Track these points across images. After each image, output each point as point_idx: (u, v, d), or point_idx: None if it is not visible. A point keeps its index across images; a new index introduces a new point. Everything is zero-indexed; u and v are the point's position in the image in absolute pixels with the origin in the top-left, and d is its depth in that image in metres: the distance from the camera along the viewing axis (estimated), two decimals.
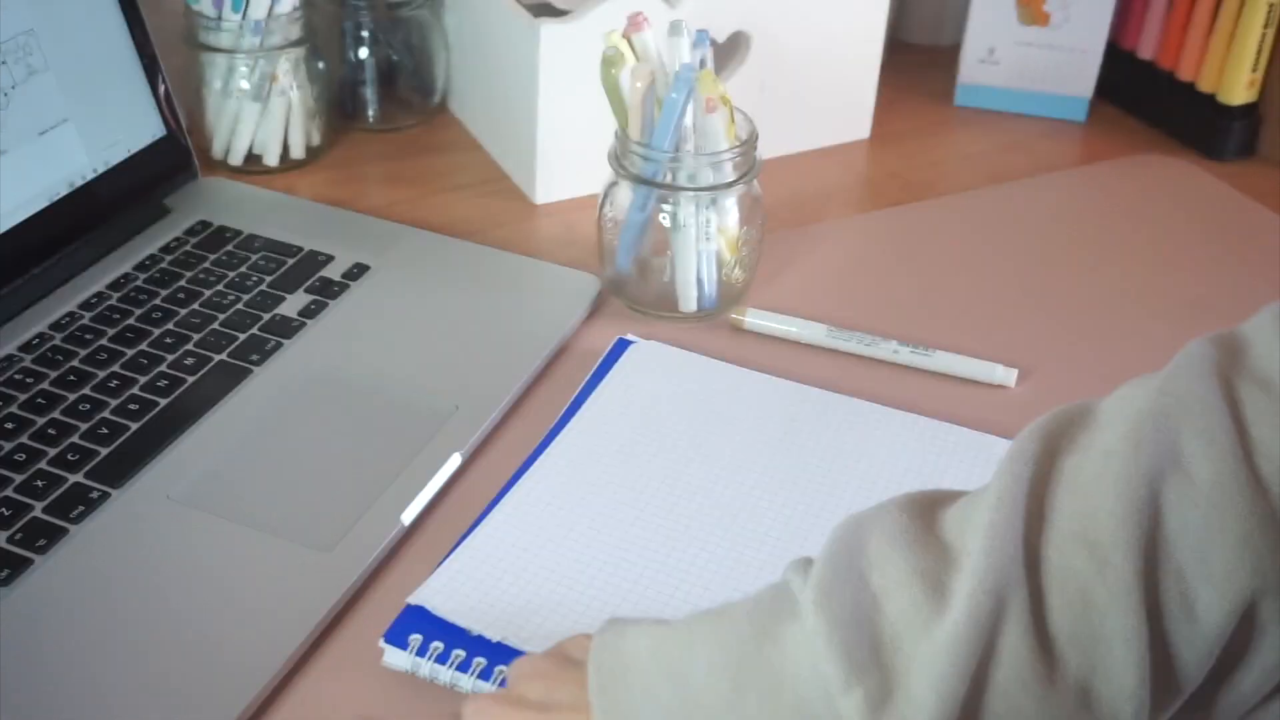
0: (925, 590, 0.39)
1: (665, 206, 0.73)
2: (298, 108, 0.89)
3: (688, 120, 0.71)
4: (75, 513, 0.58)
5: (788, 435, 0.66)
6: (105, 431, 0.63)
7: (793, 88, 0.92)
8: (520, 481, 0.61)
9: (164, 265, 0.76)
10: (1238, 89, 0.94)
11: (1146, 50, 1.01)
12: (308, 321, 0.72)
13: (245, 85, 0.87)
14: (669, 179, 0.72)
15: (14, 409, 0.64)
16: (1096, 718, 0.38)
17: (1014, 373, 0.71)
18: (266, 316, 0.72)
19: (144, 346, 0.69)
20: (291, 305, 0.74)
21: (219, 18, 0.85)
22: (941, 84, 1.06)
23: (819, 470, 0.64)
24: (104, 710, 0.50)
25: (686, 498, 0.61)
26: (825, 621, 0.39)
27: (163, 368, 0.68)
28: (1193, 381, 0.40)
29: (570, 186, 0.88)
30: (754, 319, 0.74)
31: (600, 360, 0.71)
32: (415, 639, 0.52)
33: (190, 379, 0.67)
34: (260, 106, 0.88)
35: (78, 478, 0.60)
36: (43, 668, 0.51)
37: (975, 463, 0.64)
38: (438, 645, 0.52)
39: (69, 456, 0.61)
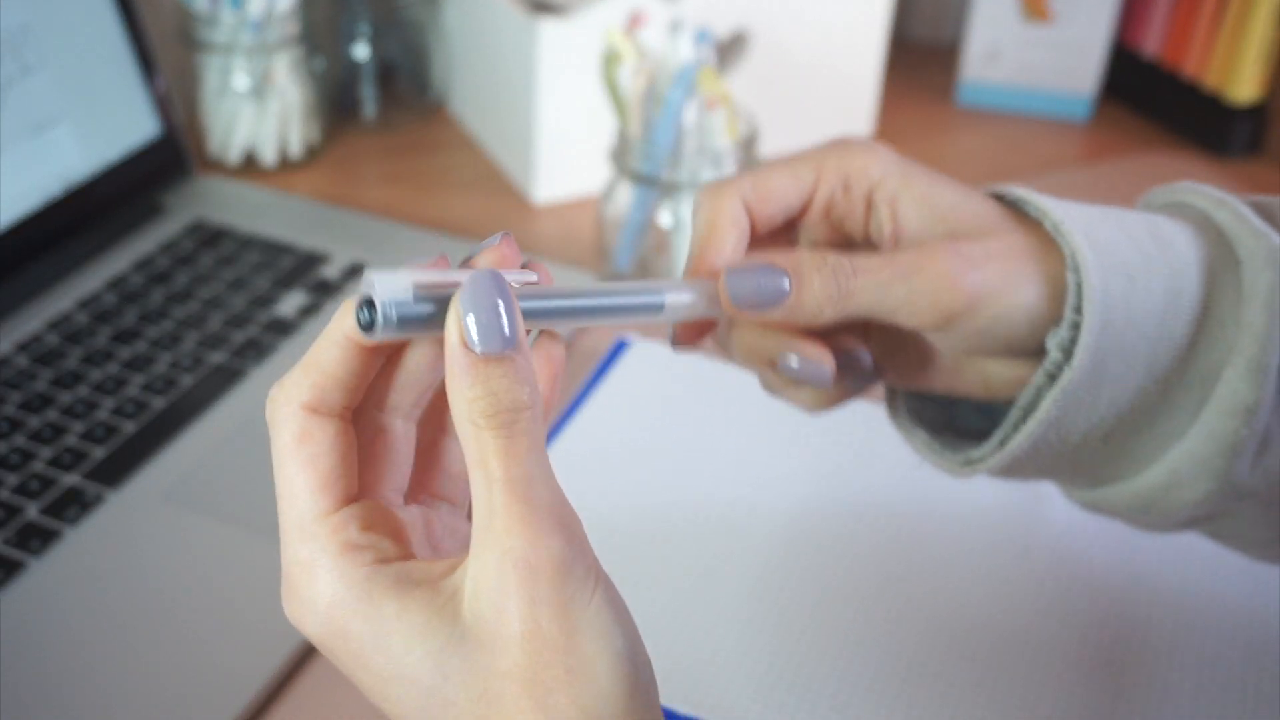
0: None
1: (665, 205, 0.73)
2: (295, 106, 0.89)
3: (688, 118, 0.70)
4: (70, 514, 0.58)
5: (788, 435, 0.65)
6: (101, 432, 0.63)
7: (793, 85, 0.92)
8: None
9: (160, 265, 0.76)
10: (1243, 87, 0.94)
11: (1151, 48, 1.00)
12: (305, 321, 0.72)
13: (242, 84, 0.87)
14: (669, 178, 0.71)
15: (9, 409, 0.63)
16: None
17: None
18: (264, 316, 0.72)
19: (140, 346, 0.69)
20: (289, 305, 0.73)
21: (216, 16, 0.84)
22: (943, 82, 1.06)
23: (819, 470, 0.63)
24: (100, 713, 0.49)
25: (686, 498, 0.61)
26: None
27: (159, 368, 0.67)
28: None
29: (569, 185, 0.87)
30: None
31: (600, 361, 0.70)
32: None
33: (187, 379, 0.67)
34: (257, 105, 0.87)
35: (73, 479, 0.60)
36: (37, 671, 0.51)
37: None
38: None
39: (64, 457, 0.61)
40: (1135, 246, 0.40)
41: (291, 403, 0.32)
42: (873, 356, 0.44)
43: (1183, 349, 0.40)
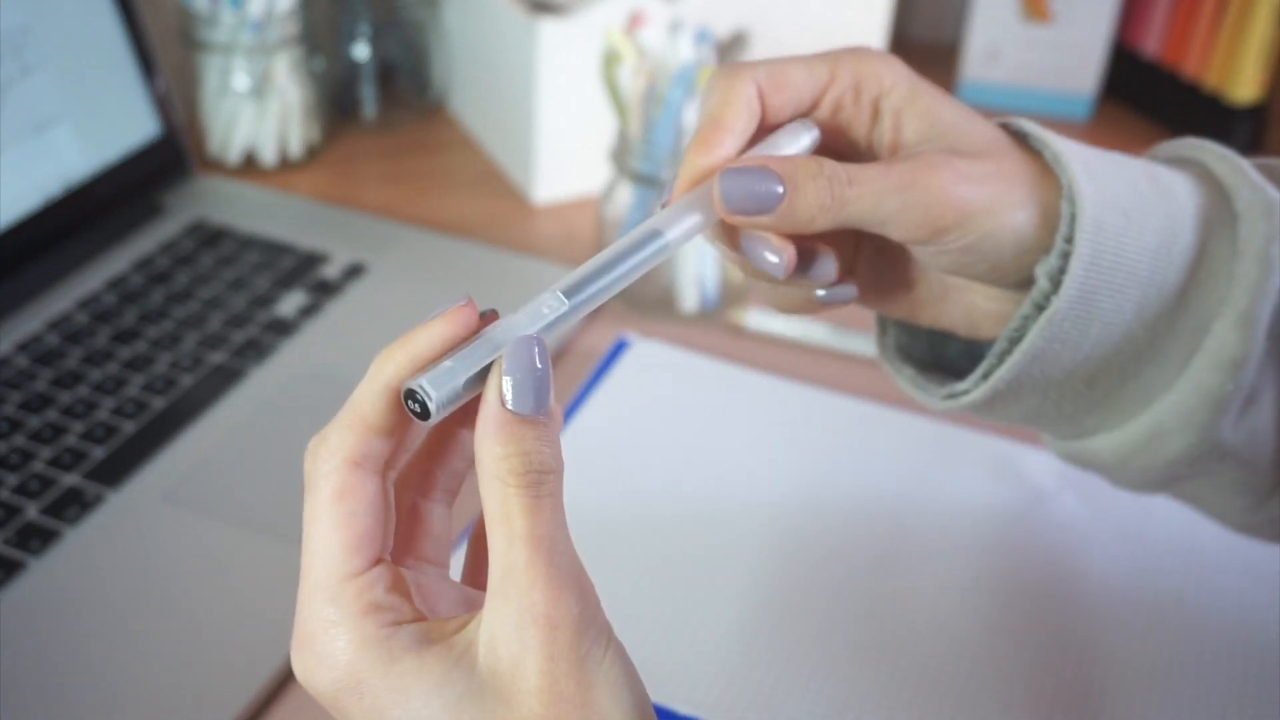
0: None
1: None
2: (295, 106, 0.89)
3: (688, 118, 0.70)
4: (70, 514, 0.58)
5: (789, 436, 0.65)
6: (101, 432, 0.63)
7: None
8: None
9: (160, 265, 0.76)
10: (1243, 87, 0.94)
11: (1151, 48, 1.00)
12: (305, 321, 0.72)
13: (242, 84, 0.87)
14: (669, 178, 0.71)
15: (9, 409, 0.63)
16: None
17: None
18: (263, 316, 0.72)
19: (140, 346, 0.69)
20: (289, 305, 0.73)
21: (216, 16, 0.84)
22: (943, 82, 1.05)
23: (820, 470, 0.63)
24: (100, 713, 0.49)
25: (686, 497, 0.61)
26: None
27: (159, 368, 0.67)
28: None
29: (569, 185, 0.87)
30: (755, 319, 0.74)
31: (600, 361, 0.70)
32: None
33: (187, 379, 0.67)
34: (257, 105, 0.87)
35: (73, 479, 0.60)
36: (37, 671, 0.51)
37: (977, 463, 0.64)
38: None
39: (64, 457, 0.61)
40: (1133, 187, 0.40)
41: (334, 456, 0.32)
42: (860, 276, 0.44)
43: (1174, 296, 0.40)
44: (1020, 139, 0.42)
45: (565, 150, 0.86)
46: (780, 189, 0.38)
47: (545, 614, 0.30)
